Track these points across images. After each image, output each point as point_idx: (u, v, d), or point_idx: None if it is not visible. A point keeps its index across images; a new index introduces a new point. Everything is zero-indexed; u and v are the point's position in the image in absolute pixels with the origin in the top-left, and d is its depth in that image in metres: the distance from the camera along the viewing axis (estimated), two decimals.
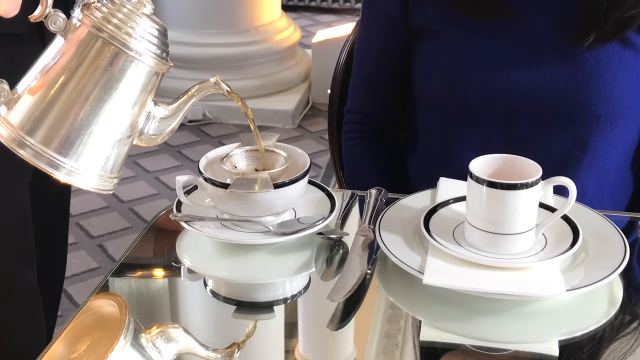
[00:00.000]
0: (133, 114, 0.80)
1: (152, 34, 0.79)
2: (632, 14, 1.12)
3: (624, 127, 1.19)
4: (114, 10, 0.77)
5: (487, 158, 0.94)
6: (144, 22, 0.78)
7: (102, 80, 0.76)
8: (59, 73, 0.76)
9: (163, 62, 0.81)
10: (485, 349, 0.85)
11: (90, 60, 0.76)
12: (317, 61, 3.71)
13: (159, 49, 0.80)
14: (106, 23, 0.76)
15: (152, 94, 0.82)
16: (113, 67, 0.77)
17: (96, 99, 0.76)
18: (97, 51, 0.76)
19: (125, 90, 0.78)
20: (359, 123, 1.37)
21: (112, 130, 0.78)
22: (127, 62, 0.77)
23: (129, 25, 0.77)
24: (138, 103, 0.80)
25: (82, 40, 0.76)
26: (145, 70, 0.79)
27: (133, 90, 0.79)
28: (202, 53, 3.60)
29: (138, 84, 0.79)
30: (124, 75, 0.77)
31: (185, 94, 0.88)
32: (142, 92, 0.80)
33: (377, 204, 1.06)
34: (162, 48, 0.81)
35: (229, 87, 0.90)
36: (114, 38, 0.76)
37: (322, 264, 0.99)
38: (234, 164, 1.03)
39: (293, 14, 5.04)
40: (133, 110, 0.80)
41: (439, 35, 1.22)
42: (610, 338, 0.86)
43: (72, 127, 0.76)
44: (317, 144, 3.42)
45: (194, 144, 3.41)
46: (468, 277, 0.89)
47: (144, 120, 0.82)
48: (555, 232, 0.95)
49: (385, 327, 0.89)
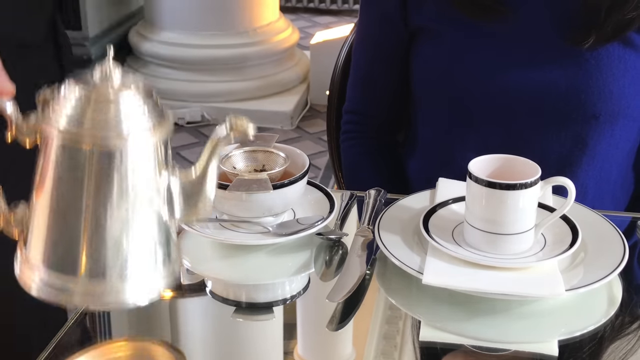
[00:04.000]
0: (151, 208, 0.65)
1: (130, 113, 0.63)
2: (632, 16, 1.12)
3: (623, 127, 1.19)
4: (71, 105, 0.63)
5: (486, 158, 0.94)
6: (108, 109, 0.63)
7: (100, 189, 0.63)
8: (51, 201, 0.64)
9: (160, 124, 0.65)
10: (485, 349, 0.84)
11: (70, 173, 0.63)
12: (316, 62, 3.71)
13: (147, 117, 0.64)
14: (65, 123, 0.62)
15: (165, 165, 0.66)
16: (101, 171, 0.62)
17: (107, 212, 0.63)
18: (73, 159, 0.62)
19: (133, 186, 0.64)
20: (357, 123, 1.37)
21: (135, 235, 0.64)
22: (111, 157, 0.62)
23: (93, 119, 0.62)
24: (152, 190, 0.65)
25: (54, 149, 0.63)
26: (140, 151, 0.64)
27: (140, 183, 0.64)
28: (201, 54, 3.59)
29: (141, 174, 0.64)
30: (119, 172, 0.63)
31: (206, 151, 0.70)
32: (154, 176, 0.65)
33: (376, 205, 1.06)
34: (152, 111, 0.65)
35: (251, 129, 0.69)
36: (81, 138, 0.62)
37: (322, 264, 0.99)
38: (233, 165, 1.03)
39: (291, 15, 5.04)
40: (148, 205, 0.65)
41: (437, 35, 1.22)
42: (610, 338, 0.86)
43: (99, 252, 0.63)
44: (316, 145, 3.42)
45: (192, 146, 3.41)
46: (467, 277, 0.89)
47: (165, 201, 0.67)
48: (554, 232, 0.95)
49: (384, 329, 0.89)
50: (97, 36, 3.60)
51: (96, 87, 0.63)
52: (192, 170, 0.68)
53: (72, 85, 0.63)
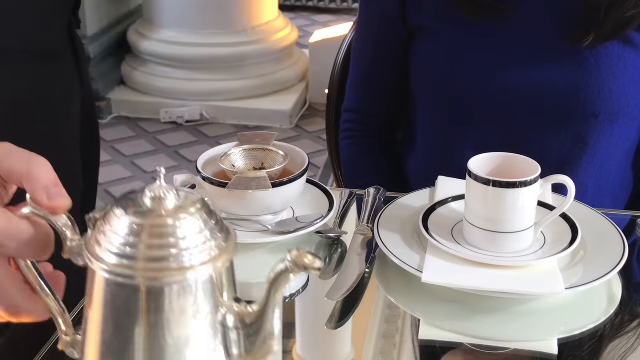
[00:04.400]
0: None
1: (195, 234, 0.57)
2: (632, 14, 1.12)
3: (623, 126, 1.19)
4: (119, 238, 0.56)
5: (485, 156, 0.94)
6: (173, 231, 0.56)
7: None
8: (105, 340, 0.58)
9: (223, 250, 0.58)
10: (485, 347, 0.84)
11: (126, 315, 0.57)
12: (315, 61, 3.71)
13: (209, 245, 0.58)
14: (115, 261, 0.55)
15: (226, 298, 0.59)
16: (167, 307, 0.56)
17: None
18: (128, 299, 0.56)
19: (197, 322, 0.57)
20: (356, 122, 1.37)
21: None
22: (166, 294, 0.56)
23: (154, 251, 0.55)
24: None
25: (103, 284, 0.57)
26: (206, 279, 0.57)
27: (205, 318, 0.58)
28: (199, 53, 3.59)
29: (201, 311, 0.58)
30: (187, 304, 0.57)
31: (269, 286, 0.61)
32: (212, 313, 0.59)
33: (375, 203, 1.06)
34: (214, 234, 0.59)
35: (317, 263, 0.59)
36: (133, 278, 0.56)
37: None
38: (232, 163, 1.03)
39: (290, 14, 5.03)
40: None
41: (436, 34, 1.22)
42: (610, 336, 0.86)
43: None
44: (315, 144, 3.42)
45: (191, 144, 3.41)
46: (467, 276, 0.89)
47: (223, 340, 0.60)
48: (554, 230, 0.95)
49: (383, 327, 0.89)
50: (95, 35, 3.60)
51: (148, 214, 0.56)
52: (252, 308, 0.60)
53: (121, 210, 0.57)
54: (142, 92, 3.68)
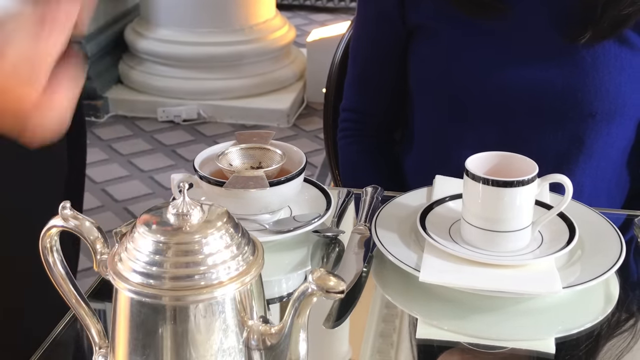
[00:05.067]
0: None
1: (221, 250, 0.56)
2: (628, 12, 1.12)
3: (620, 125, 1.19)
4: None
5: (483, 155, 0.94)
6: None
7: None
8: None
9: (250, 265, 0.57)
10: (482, 346, 0.84)
11: (151, 332, 0.56)
12: (312, 60, 3.71)
13: (235, 260, 0.56)
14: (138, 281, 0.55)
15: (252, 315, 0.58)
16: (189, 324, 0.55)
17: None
18: (154, 318, 0.56)
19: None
20: (354, 121, 1.37)
21: None
22: (192, 313, 0.55)
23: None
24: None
25: (128, 303, 0.57)
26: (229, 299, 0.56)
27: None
28: (197, 52, 3.59)
29: (227, 328, 0.57)
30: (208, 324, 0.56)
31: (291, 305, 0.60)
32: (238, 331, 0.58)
33: (373, 202, 1.06)
34: (240, 248, 0.57)
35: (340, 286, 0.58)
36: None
37: (318, 261, 0.98)
38: (229, 162, 1.03)
39: (288, 12, 5.03)
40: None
41: (434, 33, 1.21)
42: (607, 335, 0.86)
43: None
44: (312, 143, 3.41)
45: (188, 143, 3.40)
46: (464, 275, 0.89)
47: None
48: (551, 229, 0.95)
49: (380, 326, 0.89)
50: (92, 33, 3.59)
51: (173, 231, 0.55)
52: (275, 329, 0.59)
53: (145, 227, 0.56)
54: (139, 91, 3.67)
